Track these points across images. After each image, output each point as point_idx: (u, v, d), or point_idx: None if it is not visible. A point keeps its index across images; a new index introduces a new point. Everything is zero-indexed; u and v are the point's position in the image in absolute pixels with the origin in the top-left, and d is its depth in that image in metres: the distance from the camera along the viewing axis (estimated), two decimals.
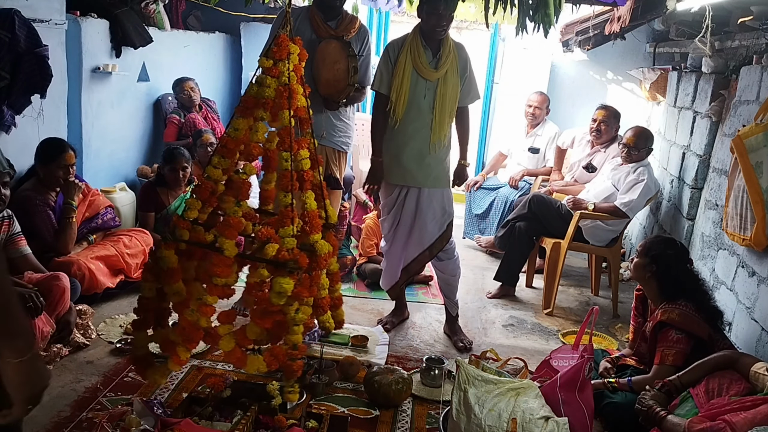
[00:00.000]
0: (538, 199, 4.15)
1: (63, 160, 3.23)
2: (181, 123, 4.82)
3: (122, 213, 4.03)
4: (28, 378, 1.00)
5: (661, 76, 4.96)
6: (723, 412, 2.01)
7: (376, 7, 4.89)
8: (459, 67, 3.03)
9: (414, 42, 2.99)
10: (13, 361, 0.97)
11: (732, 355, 2.36)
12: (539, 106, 5.01)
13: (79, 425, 2.27)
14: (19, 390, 1.00)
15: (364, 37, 3.31)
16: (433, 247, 3.20)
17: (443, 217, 3.18)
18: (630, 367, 2.77)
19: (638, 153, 3.94)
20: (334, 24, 3.23)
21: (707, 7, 3.27)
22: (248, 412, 2.20)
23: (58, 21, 3.54)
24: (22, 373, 0.99)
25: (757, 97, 3.10)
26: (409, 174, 3.11)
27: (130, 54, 4.39)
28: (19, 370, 0.98)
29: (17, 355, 0.98)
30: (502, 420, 2.17)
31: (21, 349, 0.98)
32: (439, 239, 3.19)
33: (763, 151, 2.75)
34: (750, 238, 2.79)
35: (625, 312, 3.86)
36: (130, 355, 2.30)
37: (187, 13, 5.63)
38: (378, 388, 2.58)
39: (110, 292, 3.41)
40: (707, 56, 3.77)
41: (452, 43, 3.02)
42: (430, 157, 3.07)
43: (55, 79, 3.27)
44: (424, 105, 3.01)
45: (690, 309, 2.54)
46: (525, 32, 3.06)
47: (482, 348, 3.20)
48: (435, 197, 3.14)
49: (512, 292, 4.15)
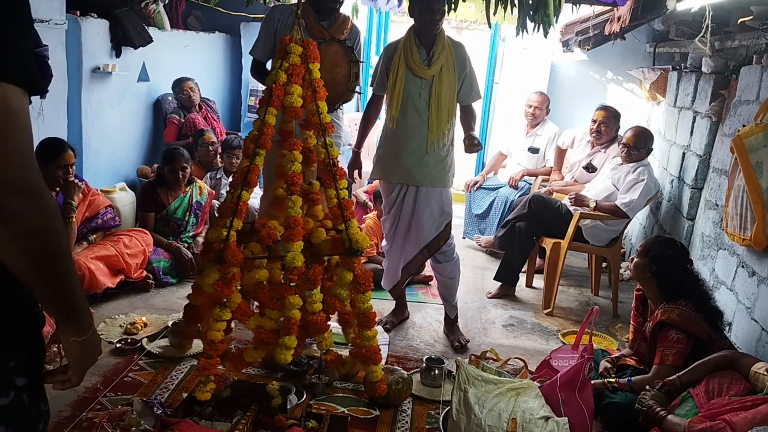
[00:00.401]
0: (538, 199, 4.15)
1: (62, 159, 3.23)
2: (181, 123, 4.82)
3: (122, 213, 4.02)
4: (87, 352, 1.11)
5: (661, 76, 4.96)
6: (723, 412, 2.01)
7: (376, 7, 4.90)
8: (456, 65, 3.02)
9: (408, 42, 3.01)
10: (78, 340, 1.07)
11: (732, 355, 2.36)
12: (539, 106, 5.01)
13: (79, 425, 2.27)
14: (80, 363, 1.11)
15: (356, 37, 3.26)
16: (430, 247, 3.18)
17: (441, 217, 3.17)
18: (630, 367, 2.77)
19: (638, 153, 3.94)
20: (327, 24, 3.17)
21: (707, 7, 3.27)
22: (248, 412, 2.21)
23: (58, 21, 3.54)
24: (83, 348, 1.09)
25: (757, 97, 3.10)
26: (408, 173, 3.11)
27: (130, 54, 4.39)
28: (81, 346, 1.08)
29: (81, 335, 1.07)
30: (502, 420, 2.17)
31: (84, 329, 1.07)
32: (436, 239, 3.18)
33: (763, 151, 2.75)
34: (750, 238, 2.79)
35: (625, 312, 3.86)
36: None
37: (187, 13, 5.63)
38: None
39: (110, 292, 3.41)
40: (707, 56, 3.77)
41: (447, 41, 3.02)
42: (429, 155, 3.06)
43: (55, 79, 3.27)
44: (420, 103, 3.01)
45: (690, 309, 2.54)
46: (525, 32, 3.07)
47: (482, 348, 3.19)
48: (433, 196, 3.13)
49: (512, 292, 4.14)
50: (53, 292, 0.99)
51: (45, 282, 0.96)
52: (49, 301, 1.02)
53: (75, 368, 1.11)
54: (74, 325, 1.07)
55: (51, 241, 0.93)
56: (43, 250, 0.93)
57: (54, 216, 0.94)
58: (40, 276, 0.95)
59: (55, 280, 0.97)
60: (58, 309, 1.04)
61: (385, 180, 3.22)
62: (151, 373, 2.72)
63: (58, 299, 1.01)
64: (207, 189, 4.16)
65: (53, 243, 0.94)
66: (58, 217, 0.95)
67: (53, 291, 0.99)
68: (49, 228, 0.92)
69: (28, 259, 0.91)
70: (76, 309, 1.05)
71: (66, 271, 0.98)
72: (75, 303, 1.04)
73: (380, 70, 3.12)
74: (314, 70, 2.39)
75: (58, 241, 0.95)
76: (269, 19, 3.23)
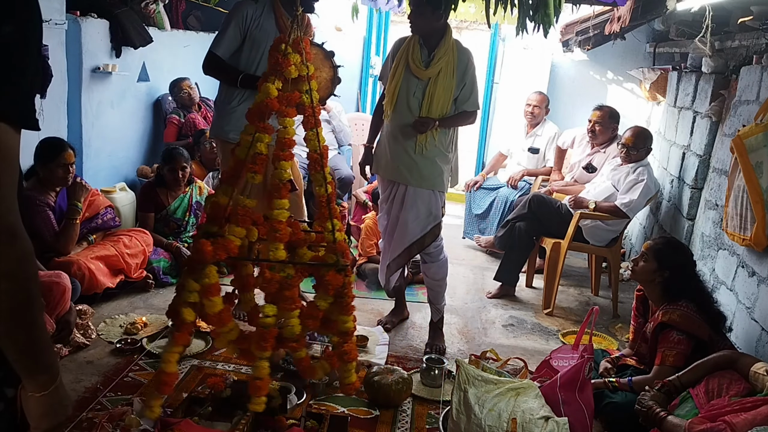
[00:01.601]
0: (538, 199, 4.15)
1: (62, 159, 3.23)
2: (181, 123, 4.82)
3: (122, 213, 4.03)
4: (50, 409, 1.00)
5: (661, 76, 4.96)
6: (723, 413, 2.01)
7: (376, 7, 4.90)
8: (457, 70, 2.97)
9: (412, 39, 2.99)
10: (36, 395, 0.97)
11: (732, 355, 2.36)
12: (538, 106, 5.01)
13: (79, 425, 2.27)
14: (41, 421, 1.00)
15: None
16: (412, 248, 3.13)
17: (428, 218, 3.09)
18: (630, 367, 2.77)
19: (637, 153, 3.94)
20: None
21: (707, 7, 3.27)
22: (248, 412, 2.20)
23: (58, 21, 3.53)
24: (45, 405, 0.99)
25: (757, 97, 3.10)
26: (397, 170, 3.08)
27: (130, 54, 4.39)
28: (41, 402, 0.98)
29: (41, 390, 0.98)
30: (502, 420, 2.17)
31: (45, 383, 0.98)
32: (420, 240, 3.11)
33: (763, 151, 2.74)
34: (750, 238, 2.79)
35: (625, 312, 3.86)
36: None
37: (187, 13, 5.63)
38: (378, 388, 2.57)
39: (110, 292, 3.41)
40: (707, 56, 3.76)
41: (453, 45, 2.97)
42: (418, 155, 3.01)
43: (55, 79, 3.27)
44: (414, 102, 2.99)
45: (691, 310, 2.54)
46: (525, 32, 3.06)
47: (482, 348, 3.19)
48: (421, 197, 3.06)
49: (512, 292, 4.14)
50: (12, 341, 0.92)
51: (4, 329, 0.89)
52: (7, 349, 0.93)
53: (34, 428, 1.00)
54: (34, 378, 0.96)
55: (20, 288, 0.88)
56: (9, 295, 0.87)
57: (28, 261, 0.88)
58: (1, 322, 0.88)
59: (17, 328, 0.90)
60: (18, 359, 0.94)
61: (380, 175, 3.23)
62: (151, 373, 2.71)
63: (17, 349, 0.93)
64: (207, 189, 4.16)
65: (22, 290, 0.88)
66: (32, 263, 0.89)
67: (12, 340, 0.91)
68: (19, 273, 0.87)
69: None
70: (38, 362, 0.96)
71: (31, 321, 0.92)
72: (37, 356, 0.95)
73: (387, 64, 3.11)
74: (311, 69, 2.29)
75: (28, 288, 0.89)
76: (239, 15, 3.00)
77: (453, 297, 3.89)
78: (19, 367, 0.95)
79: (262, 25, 3.00)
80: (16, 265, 0.86)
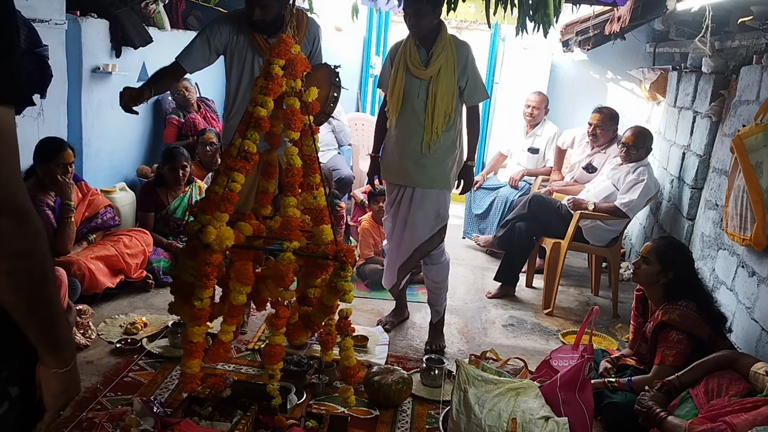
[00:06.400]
0: (538, 199, 4.15)
1: (61, 158, 3.22)
2: (180, 123, 4.81)
3: (122, 213, 4.03)
4: (68, 386, 1.03)
5: (661, 76, 4.96)
6: (723, 414, 2.01)
7: (376, 7, 4.90)
8: (457, 65, 2.97)
9: (408, 42, 3.00)
10: (58, 372, 1.01)
11: (731, 355, 2.36)
12: (537, 106, 5.01)
13: (79, 425, 2.27)
14: (58, 398, 1.03)
15: (314, 38, 3.02)
16: (421, 249, 3.13)
17: (436, 220, 3.10)
18: (630, 367, 2.77)
19: (637, 152, 3.94)
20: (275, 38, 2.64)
21: (707, 7, 3.27)
22: (248, 412, 2.20)
23: (58, 21, 3.53)
24: (65, 381, 1.02)
25: (757, 97, 3.10)
26: (406, 174, 3.08)
27: (130, 54, 4.39)
28: (61, 379, 1.01)
29: (63, 366, 1.01)
30: (502, 420, 2.17)
31: (67, 359, 1.01)
32: (428, 242, 3.12)
33: (763, 151, 2.75)
34: (750, 238, 2.79)
35: (625, 312, 3.86)
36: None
37: (187, 13, 5.62)
38: (378, 388, 2.57)
39: (110, 292, 3.41)
40: (707, 56, 3.77)
41: (449, 41, 2.96)
42: (426, 157, 3.02)
43: (55, 79, 3.26)
44: (418, 104, 2.99)
45: (691, 309, 2.54)
46: (525, 32, 3.06)
47: (482, 348, 3.19)
48: (429, 198, 3.08)
49: (512, 292, 4.14)
50: (35, 319, 0.94)
51: (27, 307, 0.91)
52: (30, 328, 0.95)
53: (51, 406, 1.03)
54: (57, 355, 1.00)
55: (36, 264, 0.90)
56: (27, 272, 0.89)
57: (40, 238, 0.90)
58: (22, 299, 0.90)
59: (37, 305, 0.93)
60: (40, 337, 0.97)
61: (387, 181, 3.22)
62: (151, 373, 2.72)
63: (41, 326, 0.96)
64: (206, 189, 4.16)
65: (38, 266, 0.90)
66: (44, 239, 0.91)
67: (35, 317, 0.94)
68: (35, 250, 0.89)
69: (10, 281, 0.88)
70: (59, 338, 0.99)
71: (49, 296, 0.94)
72: (58, 331, 0.98)
73: (386, 70, 3.11)
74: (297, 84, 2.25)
75: (44, 264, 0.91)
76: (210, 31, 2.94)
77: (453, 297, 3.88)
78: (42, 344, 0.98)
79: (239, 41, 2.93)
80: (33, 242, 0.88)
